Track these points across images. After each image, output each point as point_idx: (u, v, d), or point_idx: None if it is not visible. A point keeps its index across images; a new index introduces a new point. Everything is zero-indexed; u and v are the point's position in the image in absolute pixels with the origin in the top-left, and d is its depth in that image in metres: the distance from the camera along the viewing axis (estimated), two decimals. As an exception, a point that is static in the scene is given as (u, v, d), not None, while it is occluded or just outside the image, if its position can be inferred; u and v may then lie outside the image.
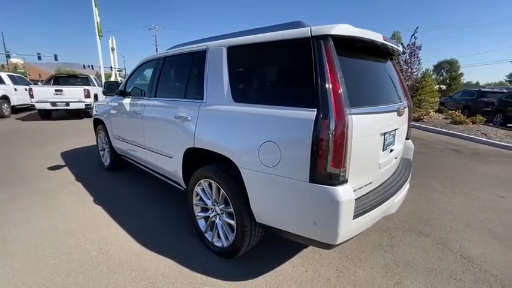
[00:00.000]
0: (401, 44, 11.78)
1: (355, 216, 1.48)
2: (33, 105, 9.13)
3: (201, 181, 2.10)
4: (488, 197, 3.31)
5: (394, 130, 2.00)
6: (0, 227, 2.47)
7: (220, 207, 2.01)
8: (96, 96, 10.16)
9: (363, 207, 1.58)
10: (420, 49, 11.31)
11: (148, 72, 3.08)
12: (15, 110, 11.01)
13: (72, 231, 2.40)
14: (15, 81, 11.14)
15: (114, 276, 1.86)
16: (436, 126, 8.46)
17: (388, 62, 2.27)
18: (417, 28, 11.19)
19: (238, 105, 1.85)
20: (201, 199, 2.19)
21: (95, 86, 11.11)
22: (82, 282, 1.80)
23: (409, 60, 11.54)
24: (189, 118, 2.15)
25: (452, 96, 15.20)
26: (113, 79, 21.44)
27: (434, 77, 27.95)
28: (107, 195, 3.18)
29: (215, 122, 2.00)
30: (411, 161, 2.56)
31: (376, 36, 1.73)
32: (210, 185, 2.05)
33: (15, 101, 10.72)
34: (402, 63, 11.52)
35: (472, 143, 6.64)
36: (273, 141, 1.57)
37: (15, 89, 10.73)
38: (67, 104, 9.18)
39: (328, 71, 1.43)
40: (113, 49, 22.32)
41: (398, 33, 13.50)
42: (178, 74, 2.76)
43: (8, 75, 11.02)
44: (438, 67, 42.98)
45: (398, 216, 2.68)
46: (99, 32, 16.32)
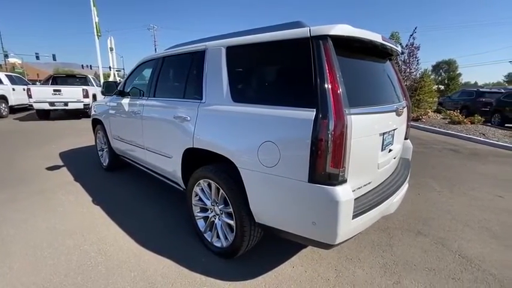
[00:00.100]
0: (400, 44, 11.81)
1: (354, 216, 1.49)
2: (31, 105, 9.09)
3: (200, 181, 2.10)
4: (486, 196, 3.32)
5: (393, 130, 2.01)
6: (-2, 227, 2.46)
7: (220, 207, 2.01)
8: (94, 96, 10.14)
9: (362, 207, 1.59)
10: (419, 49, 11.35)
11: (147, 72, 3.07)
12: (13, 110, 10.96)
13: (71, 232, 2.39)
14: (13, 81, 11.10)
15: (113, 277, 1.85)
16: (435, 126, 8.49)
17: (387, 62, 2.27)
18: (416, 28, 11.22)
19: (237, 105, 1.85)
20: (200, 199, 2.18)
21: (94, 86, 11.09)
22: (81, 283, 1.80)
23: (407, 61, 11.57)
24: (188, 118, 2.15)
25: (451, 97, 15.25)
26: (111, 79, 21.39)
27: (432, 77, 28.05)
28: (105, 196, 3.17)
29: (214, 122, 2.00)
30: (410, 161, 2.56)
31: (375, 37, 1.73)
32: (209, 185, 2.05)
33: (13, 101, 10.68)
34: (401, 63, 11.55)
35: (471, 143, 6.67)
36: (272, 141, 1.58)
37: (13, 89, 10.69)
38: (65, 104, 9.16)
39: (327, 71, 1.43)
40: (111, 49, 22.28)
41: (397, 34, 13.53)
42: (178, 74, 2.76)
43: (6, 75, 10.97)
44: (437, 67, 43.15)
45: (397, 216, 2.68)
46: (97, 31, 16.28)
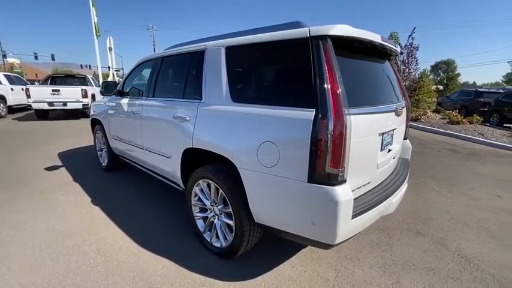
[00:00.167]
0: (399, 44, 11.83)
1: (353, 216, 1.49)
2: (30, 105, 9.07)
3: (200, 181, 2.09)
4: (485, 196, 3.33)
5: (392, 130, 2.01)
6: (-3, 228, 2.45)
7: (219, 207, 2.00)
8: (93, 96, 10.12)
9: (361, 207, 1.59)
10: (418, 49, 11.36)
11: (146, 72, 3.07)
12: (12, 110, 10.93)
13: (70, 232, 2.38)
14: (12, 81, 11.07)
15: (112, 278, 1.85)
16: (434, 126, 8.51)
17: (386, 62, 2.28)
18: (414, 28, 11.23)
19: (236, 106, 1.84)
20: (199, 199, 2.18)
21: (93, 86, 11.07)
22: (80, 283, 1.79)
23: (406, 61, 11.59)
24: (188, 118, 2.15)
25: (450, 97, 15.28)
26: (110, 79, 21.37)
27: (431, 77, 28.12)
28: (104, 196, 3.16)
29: (214, 122, 2.00)
30: (409, 161, 2.57)
31: (374, 37, 1.73)
32: (208, 186, 2.05)
33: (11, 101, 10.65)
34: (400, 63, 11.57)
35: (469, 142, 6.69)
36: (271, 141, 1.58)
37: (12, 89, 10.67)
38: (64, 104, 9.14)
39: (327, 71, 1.43)
40: (110, 49, 22.26)
41: (396, 34, 13.53)
42: (177, 74, 2.75)
43: (4, 75, 10.94)
44: (435, 67, 43.24)
45: (396, 215, 2.69)
46: (96, 31, 16.24)
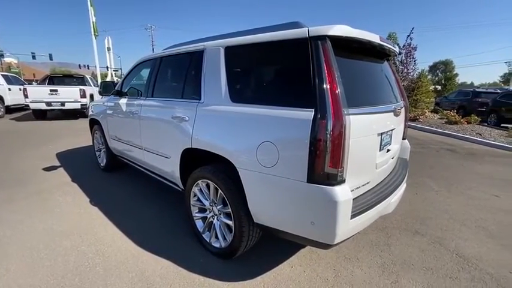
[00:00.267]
0: (397, 44, 11.86)
1: (352, 216, 1.49)
2: (28, 105, 9.03)
3: (199, 182, 2.09)
4: (483, 196, 3.35)
5: (391, 130, 2.02)
6: (-5, 228, 2.43)
7: (218, 207, 2.00)
8: (92, 96, 10.08)
9: (360, 207, 1.59)
10: (416, 50, 11.41)
11: (145, 72, 3.06)
12: (10, 110, 10.88)
13: (68, 233, 2.37)
14: (9, 81, 11.00)
15: (111, 278, 1.84)
16: (432, 126, 8.54)
17: (385, 62, 2.28)
18: (413, 29, 11.27)
19: (236, 106, 1.84)
20: (198, 200, 2.18)
21: (91, 86, 11.03)
22: (78, 284, 1.79)
23: (405, 61, 11.63)
24: (187, 118, 2.15)
25: (448, 97, 15.35)
26: (108, 79, 21.30)
27: (429, 77, 28.19)
28: (103, 196, 3.15)
29: (213, 122, 2.00)
30: (408, 161, 2.57)
31: (373, 37, 1.74)
32: (207, 186, 2.05)
33: (9, 101, 10.59)
34: (398, 63, 11.60)
35: (467, 142, 6.72)
36: (271, 141, 1.58)
37: (9, 89, 10.60)
38: (62, 104, 9.10)
39: (326, 71, 1.43)
40: (108, 49, 22.20)
41: (394, 34, 13.56)
42: (176, 74, 2.75)
43: (1, 75, 10.87)
44: (433, 68, 43.38)
45: (395, 215, 2.70)
46: (94, 31, 16.20)
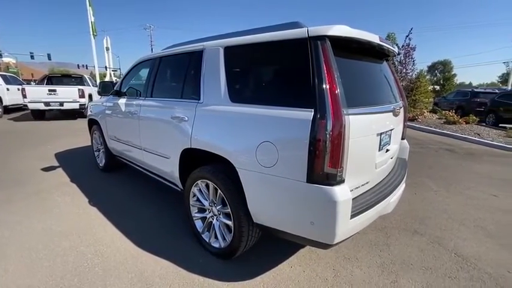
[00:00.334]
0: (396, 45, 11.88)
1: (352, 216, 1.49)
2: (26, 105, 8.99)
3: (198, 182, 2.09)
4: (481, 196, 3.36)
5: (390, 130, 2.02)
6: (-7, 229, 2.42)
7: (218, 207, 2.00)
8: (90, 96, 10.05)
9: (359, 207, 1.60)
10: (415, 50, 11.43)
11: (144, 72, 3.05)
12: (8, 110, 10.83)
13: (67, 233, 2.37)
14: (8, 80, 10.95)
15: (110, 279, 1.84)
16: (430, 126, 8.57)
17: (384, 62, 2.29)
18: (411, 29, 11.31)
19: (235, 106, 1.84)
20: (198, 200, 2.18)
21: (90, 86, 10.99)
22: (77, 285, 1.78)
23: (403, 61, 11.65)
24: (186, 118, 2.14)
25: (446, 97, 15.40)
26: (107, 79, 21.25)
27: (428, 77, 28.27)
28: (102, 196, 3.14)
29: (212, 122, 1.99)
30: (407, 161, 2.58)
31: (373, 37, 1.74)
32: (207, 186, 2.05)
33: (7, 101, 10.54)
34: (397, 63, 11.63)
35: (466, 142, 6.74)
36: (270, 141, 1.58)
37: (8, 89, 10.55)
38: (61, 104, 9.07)
39: (325, 71, 1.43)
40: (107, 49, 22.14)
41: (393, 35, 13.60)
42: (175, 74, 2.74)
43: (0, 75, 10.84)
44: (432, 68, 43.47)
45: (394, 215, 2.70)
46: (93, 31, 16.16)
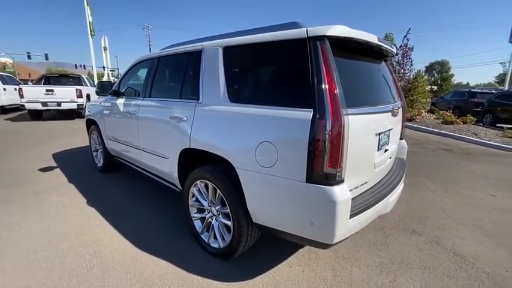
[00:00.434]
0: (394, 45, 11.93)
1: (351, 216, 1.50)
2: (23, 106, 8.94)
3: (197, 182, 2.09)
4: (479, 195, 3.38)
5: (389, 130, 2.03)
6: (-10, 230, 2.41)
7: (217, 208, 2.00)
8: (88, 96, 10.01)
9: (358, 206, 1.60)
10: (412, 50, 11.48)
11: (143, 72, 3.04)
12: (5, 110, 10.78)
13: (65, 234, 2.35)
14: (4, 80, 10.91)
15: (108, 279, 1.83)
16: (428, 126, 8.61)
17: (383, 63, 2.30)
18: (409, 29, 11.35)
19: (234, 106, 1.84)
20: (197, 200, 2.17)
21: (87, 85, 10.96)
22: (76, 286, 1.77)
23: (401, 61, 11.70)
24: (185, 118, 2.14)
25: (444, 97, 15.47)
26: (105, 79, 21.17)
27: (426, 77, 28.41)
28: (100, 197, 3.13)
29: (211, 122, 1.99)
30: (405, 161, 2.59)
31: (371, 38, 1.75)
32: (206, 186, 2.04)
33: (4, 101, 10.51)
34: (395, 64, 11.67)
35: (463, 142, 6.78)
36: (269, 141, 1.58)
37: (4, 89, 10.53)
38: (58, 104, 9.03)
39: (325, 71, 1.43)
40: (105, 48, 22.04)
41: (391, 35, 13.65)
42: (174, 74, 2.74)
43: (-4, 75, 10.80)
44: (430, 68, 43.72)
45: (392, 215, 2.71)
46: (91, 31, 16.09)
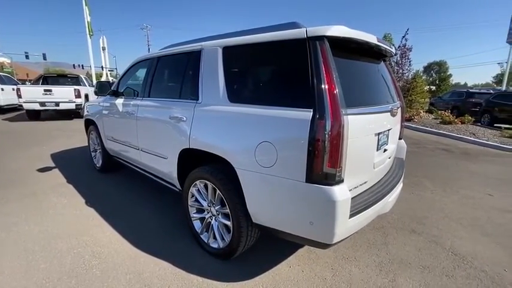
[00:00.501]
0: (392, 45, 11.97)
1: (351, 216, 1.50)
2: (21, 106, 8.91)
3: (197, 182, 2.08)
4: (477, 195, 3.39)
5: (388, 130, 2.03)
6: (-12, 231, 2.39)
7: (216, 208, 2.00)
8: (87, 97, 9.99)
9: (358, 206, 1.60)
10: (411, 50, 11.53)
11: (142, 72, 3.04)
12: (2, 110, 10.74)
13: (64, 235, 2.34)
14: (2, 80, 10.86)
15: (108, 280, 1.82)
16: (427, 126, 8.64)
17: (381, 63, 2.30)
18: (408, 30, 11.39)
19: (234, 106, 1.84)
20: (196, 200, 2.17)
21: (86, 86, 10.92)
22: (75, 286, 1.76)
23: (400, 62, 11.74)
24: (184, 119, 2.14)
25: (442, 97, 15.54)
26: (103, 79, 21.12)
27: (424, 78, 28.51)
28: (99, 197, 3.12)
29: (211, 122, 1.99)
30: (404, 161, 2.60)
31: (370, 38, 1.75)
32: (205, 186, 2.04)
33: (2, 101, 10.46)
34: (393, 64, 11.71)
35: (462, 142, 6.81)
36: (269, 141, 1.58)
37: (2, 89, 10.47)
38: (56, 104, 8.99)
39: (324, 71, 1.44)
40: (103, 48, 22.01)
41: (389, 35, 13.69)
42: (173, 74, 2.73)
43: (-6, 75, 10.75)
44: (428, 68, 43.89)
45: (391, 215, 2.72)
46: (89, 31, 16.04)
